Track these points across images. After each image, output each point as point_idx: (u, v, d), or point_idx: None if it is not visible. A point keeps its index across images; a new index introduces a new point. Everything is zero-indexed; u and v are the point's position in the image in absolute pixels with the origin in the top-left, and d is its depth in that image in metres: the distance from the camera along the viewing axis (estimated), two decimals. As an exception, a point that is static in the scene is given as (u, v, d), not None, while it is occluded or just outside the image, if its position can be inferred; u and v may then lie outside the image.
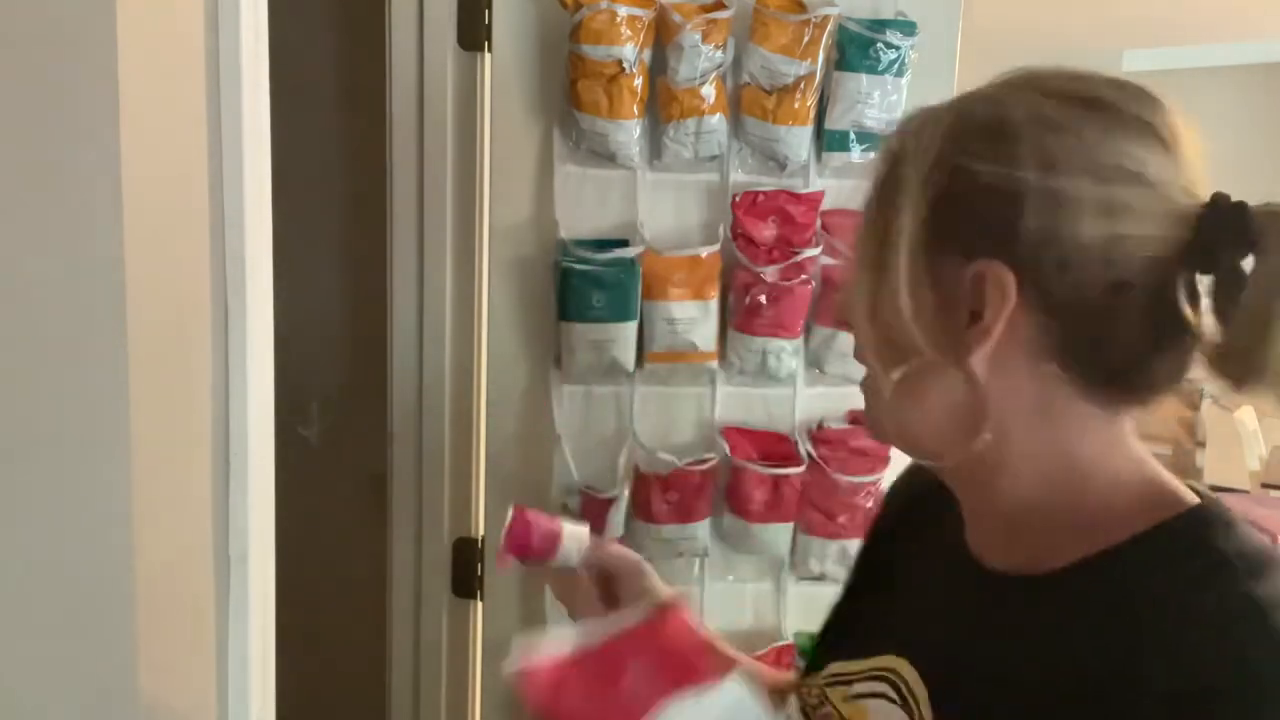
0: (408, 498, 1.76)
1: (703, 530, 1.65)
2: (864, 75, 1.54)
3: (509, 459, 1.69)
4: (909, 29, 1.55)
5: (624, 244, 1.58)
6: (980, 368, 0.64)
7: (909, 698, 0.69)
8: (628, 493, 1.62)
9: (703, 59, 1.51)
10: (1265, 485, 2.71)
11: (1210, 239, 0.60)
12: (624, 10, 1.49)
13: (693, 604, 1.07)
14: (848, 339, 0.74)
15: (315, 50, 1.96)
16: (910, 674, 0.70)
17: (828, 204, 1.61)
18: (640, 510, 1.63)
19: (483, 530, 1.75)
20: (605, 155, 1.56)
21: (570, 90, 1.54)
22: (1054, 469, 0.66)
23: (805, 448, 1.64)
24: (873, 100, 1.55)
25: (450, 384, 1.72)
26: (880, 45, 1.53)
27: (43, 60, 0.70)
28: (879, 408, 0.70)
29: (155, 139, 0.76)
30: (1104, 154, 0.61)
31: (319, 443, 2.06)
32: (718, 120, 1.55)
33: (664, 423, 1.66)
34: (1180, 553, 0.61)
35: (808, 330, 1.64)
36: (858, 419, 1.65)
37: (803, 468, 1.62)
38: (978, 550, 0.71)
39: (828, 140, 1.59)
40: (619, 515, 1.61)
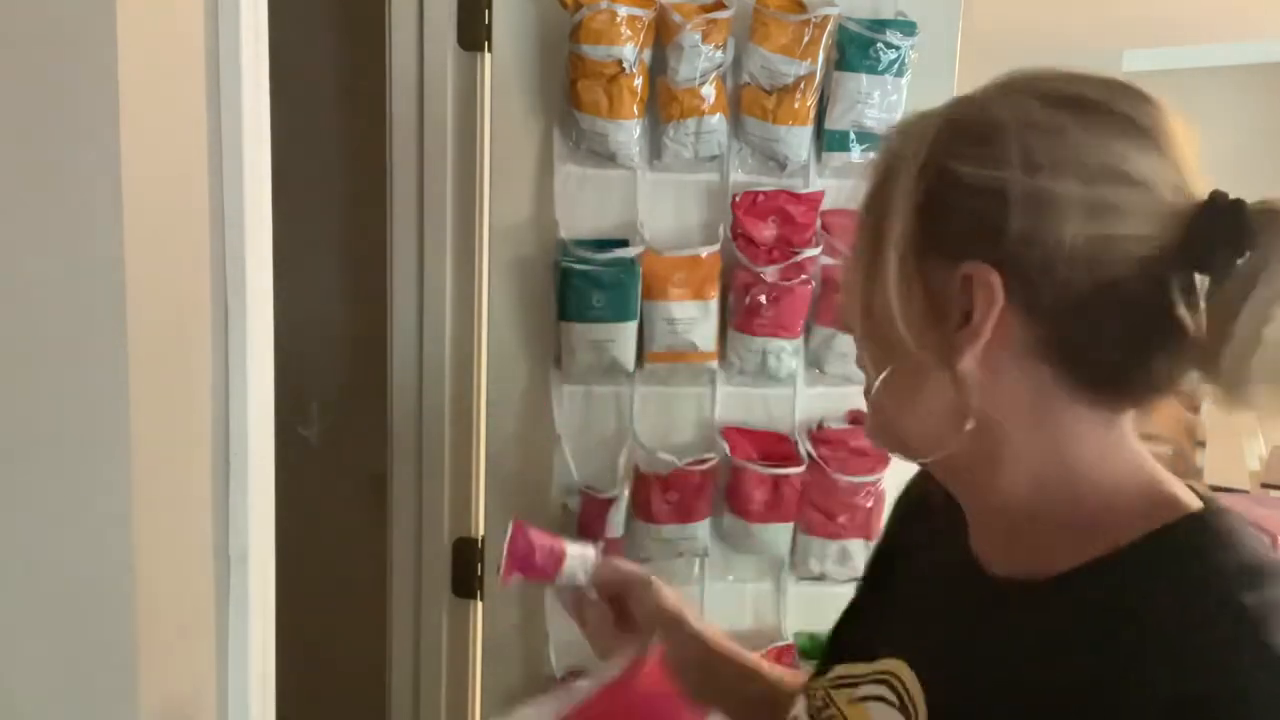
0: (408, 498, 1.76)
1: (703, 530, 1.65)
2: (864, 75, 1.54)
3: (509, 459, 1.69)
4: (909, 29, 1.55)
5: (624, 244, 1.58)
6: (970, 370, 0.63)
7: (907, 702, 0.69)
8: (628, 493, 1.62)
9: (703, 59, 1.51)
10: (1265, 485, 2.71)
11: (1205, 238, 0.59)
12: (624, 10, 1.49)
13: (694, 605, 1.07)
14: (848, 339, 0.74)
15: (315, 50, 1.96)
16: (909, 677, 0.70)
17: (828, 204, 1.60)
18: (640, 510, 1.63)
19: (483, 530, 1.75)
20: (605, 155, 1.56)
21: (570, 90, 1.54)
22: (1049, 471, 0.65)
23: (805, 448, 1.64)
24: (873, 100, 1.55)
25: (450, 384, 1.72)
26: (880, 45, 1.53)
27: (43, 60, 0.70)
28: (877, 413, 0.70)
29: (155, 139, 0.76)
30: (1090, 154, 0.61)
31: (319, 443, 2.06)
32: (718, 120, 1.55)
33: (664, 423, 1.66)
34: (1175, 561, 0.61)
35: (808, 330, 1.64)
36: (858, 419, 1.65)
37: (803, 468, 1.62)
38: (981, 555, 0.71)
39: (828, 140, 1.59)
40: (619, 515, 1.61)
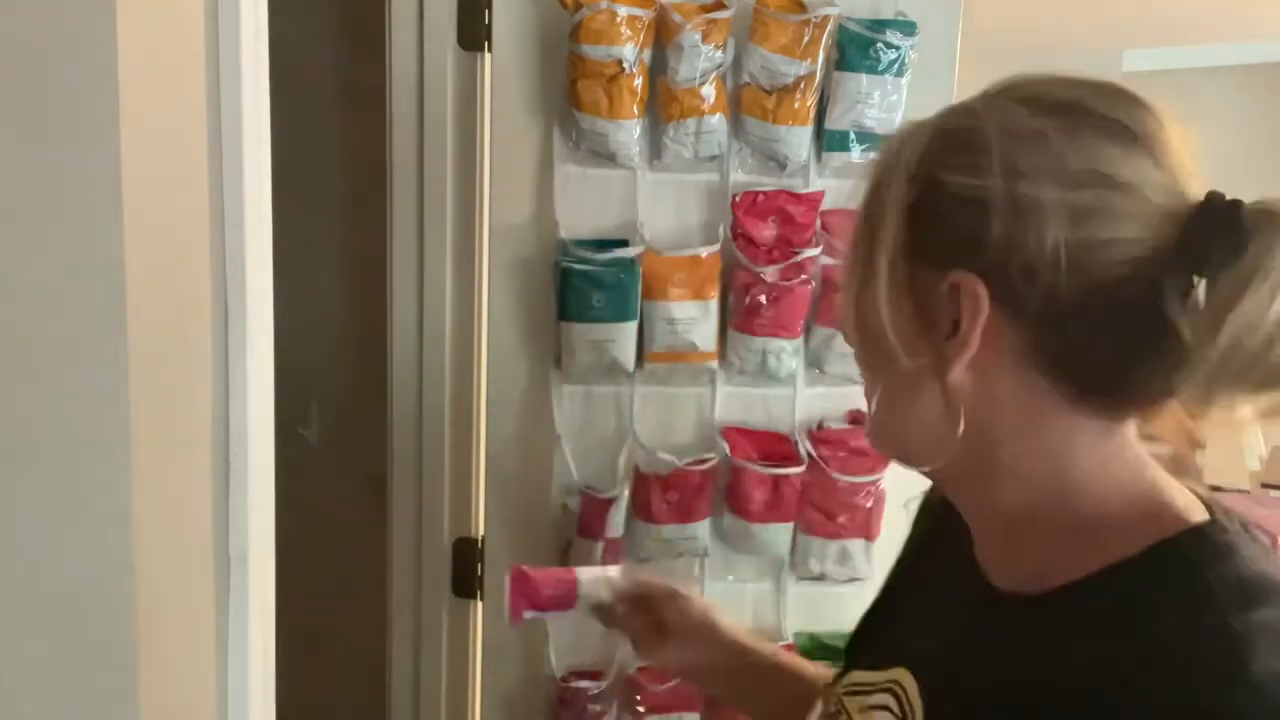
0: (408, 498, 1.76)
1: (703, 530, 1.65)
2: (864, 75, 1.54)
3: (509, 459, 1.69)
4: (909, 29, 1.55)
5: (624, 244, 1.58)
6: (961, 379, 0.63)
7: (907, 710, 0.70)
8: (628, 493, 1.62)
9: (703, 59, 1.51)
10: (1265, 485, 2.70)
11: (1200, 239, 0.58)
12: (624, 10, 1.49)
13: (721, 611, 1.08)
14: (847, 340, 0.74)
15: (315, 50, 1.96)
16: (912, 687, 0.70)
17: (828, 204, 1.60)
18: (640, 510, 1.63)
19: (483, 530, 1.75)
20: (605, 155, 1.56)
21: (570, 90, 1.54)
22: (1046, 480, 0.65)
23: (805, 448, 1.64)
24: (873, 100, 1.55)
25: (450, 384, 1.72)
26: (880, 45, 1.53)
27: (43, 60, 0.70)
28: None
29: (155, 139, 0.76)
30: (1073, 159, 0.60)
31: (319, 443, 2.06)
32: (718, 120, 1.55)
33: (664, 423, 1.66)
34: (1169, 578, 0.60)
35: (808, 330, 1.64)
36: (858, 419, 1.65)
37: (803, 468, 1.62)
38: (985, 566, 0.71)
39: (828, 140, 1.59)
40: (619, 515, 1.61)
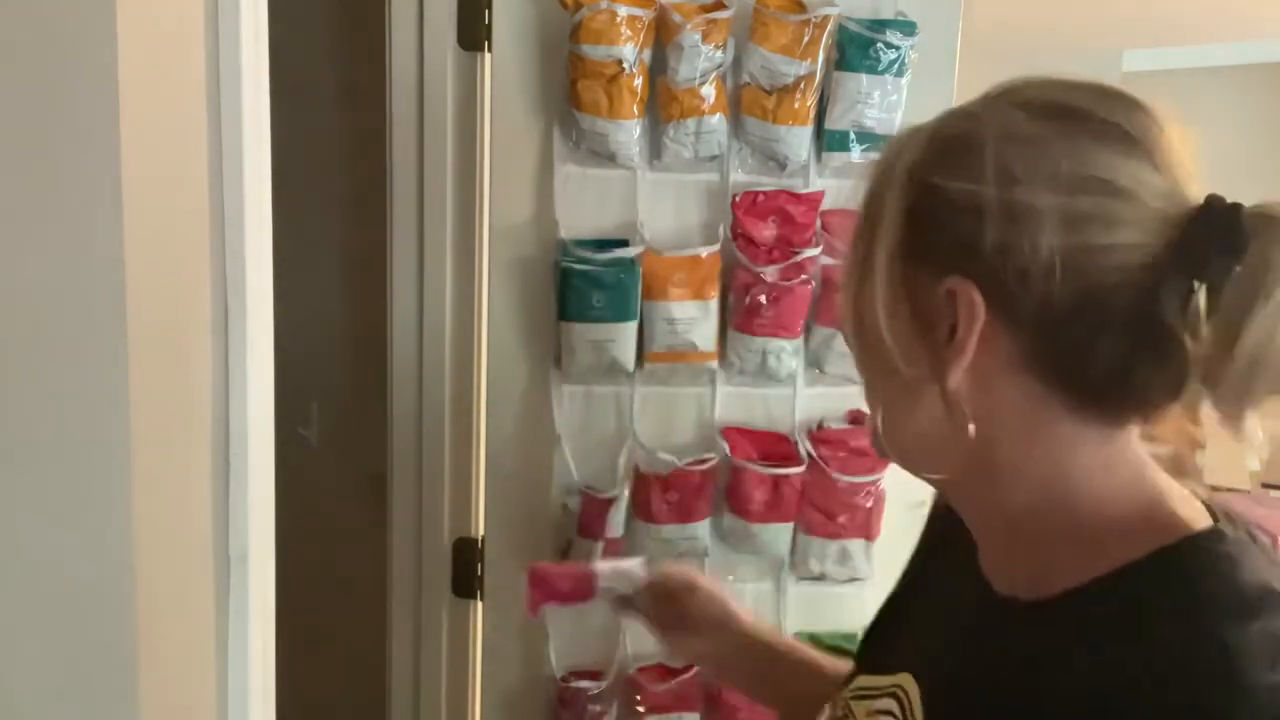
0: (408, 498, 1.76)
1: (703, 530, 1.65)
2: (864, 75, 1.54)
3: (509, 459, 1.69)
4: (909, 29, 1.55)
5: (624, 244, 1.58)
6: (959, 386, 0.63)
7: (910, 716, 0.70)
8: (628, 493, 1.62)
9: (703, 59, 1.51)
10: (1265, 485, 2.70)
11: (1198, 243, 0.58)
12: (624, 10, 1.49)
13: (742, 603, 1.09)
14: (848, 340, 0.74)
15: (315, 50, 1.96)
16: (914, 692, 0.70)
17: (828, 204, 1.60)
18: (640, 510, 1.63)
19: (483, 530, 1.75)
20: (605, 155, 1.56)
21: (570, 90, 1.54)
22: (1046, 486, 0.64)
23: (805, 448, 1.64)
24: (873, 100, 1.55)
25: (450, 384, 1.72)
26: (880, 45, 1.53)
27: (43, 60, 0.70)
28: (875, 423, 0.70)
29: (155, 139, 0.76)
30: (1069, 164, 0.60)
31: (319, 443, 2.06)
32: (718, 120, 1.55)
33: (664, 423, 1.66)
34: (1167, 587, 0.60)
35: (808, 330, 1.64)
36: (858, 419, 1.65)
37: (803, 468, 1.62)
38: (988, 572, 0.70)
39: (828, 140, 1.59)
40: (619, 515, 1.61)
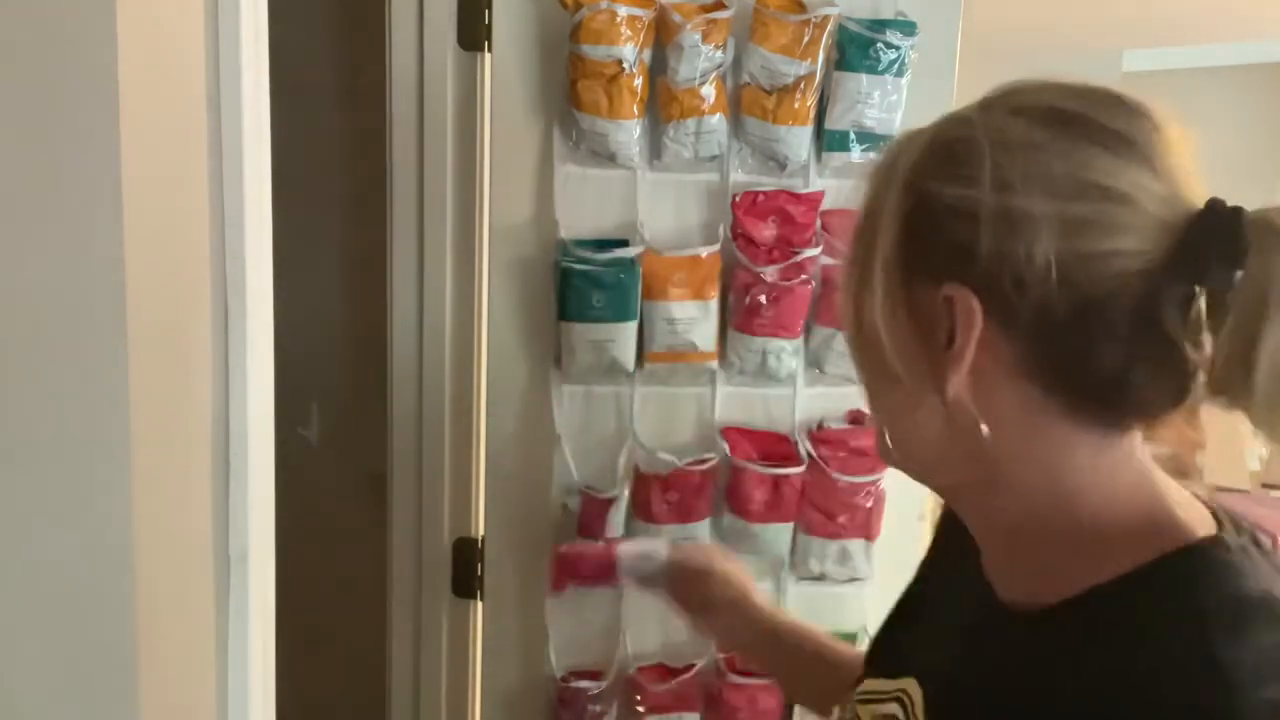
0: (408, 498, 1.76)
1: (703, 530, 1.65)
2: (864, 75, 1.54)
3: (509, 459, 1.69)
4: (909, 29, 1.55)
5: (624, 244, 1.58)
6: (958, 392, 0.62)
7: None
8: (628, 493, 1.62)
9: (703, 59, 1.51)
10: (1265, 485, 2.71)
11: (1198, 248, 0.57)
12: (624, 10, 1.49)
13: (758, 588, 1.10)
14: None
15: (315, 50, 1.96)
16: (918, 698, 0.70)
17: (828, 204, 1.60)
18: (640, 510, 1.63)
19: (483, 530, 1.75)
20: (605, 155, 1.56)
21: (570, 90, 1.54)
22: (1046, 493, 0.64)
23: (805, 448, 1.64)
24: (873, 100, 1.55)
25: (450, 384, 1.72)
26: (880, 45, 1.53)
27: (43, 60, 0.70)
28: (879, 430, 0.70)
29: (155, 139, 0.76)
30: (1066, 170, 0.59)
31: (319, 443, 2.06)
32: (718, 120, 1.55)
33: (664, 423, 1.66)
34: (1163, 596, 0.59)
35: (808, 330, 1.64)
36: (858, 419, 1.65)
37: (803, 468, 1.62)
38: (991, 578, 0.70)
39: (828, 140, 1.59)
40: (619, 515, 1.61)
